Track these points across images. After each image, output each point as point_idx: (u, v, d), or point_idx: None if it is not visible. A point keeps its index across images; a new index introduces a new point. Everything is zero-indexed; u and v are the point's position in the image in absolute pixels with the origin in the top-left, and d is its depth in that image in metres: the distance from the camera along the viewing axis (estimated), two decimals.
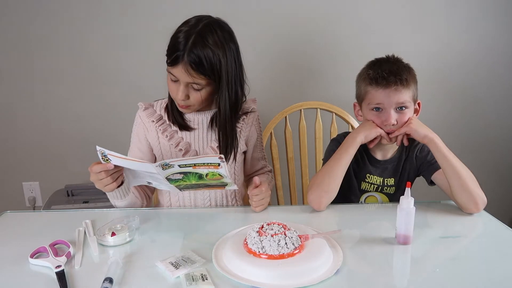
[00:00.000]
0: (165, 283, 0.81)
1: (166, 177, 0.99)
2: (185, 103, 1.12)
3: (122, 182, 1.08)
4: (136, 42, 1.87)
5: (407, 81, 1.12)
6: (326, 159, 1.23)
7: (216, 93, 1.14)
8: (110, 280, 0.78)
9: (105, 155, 0.97)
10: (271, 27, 1.87)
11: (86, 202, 1.84)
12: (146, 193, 1.26)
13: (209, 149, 1.21)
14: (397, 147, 1.25)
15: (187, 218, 1.12)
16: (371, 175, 1.25)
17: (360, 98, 1.20)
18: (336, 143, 1.22)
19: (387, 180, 1.26)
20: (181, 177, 0.99)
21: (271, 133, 1.58)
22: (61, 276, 0.81)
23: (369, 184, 1.26)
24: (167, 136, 1.20)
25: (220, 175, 0.97)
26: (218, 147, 1.20)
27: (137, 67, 1.90)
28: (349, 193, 1.27)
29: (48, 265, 0.85)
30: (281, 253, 0.83)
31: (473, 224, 1.08)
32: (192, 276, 0.81)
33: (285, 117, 1.59)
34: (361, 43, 1.89)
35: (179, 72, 1.06)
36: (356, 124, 1.58)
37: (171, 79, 1.11)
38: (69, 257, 0.89)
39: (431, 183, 1.21)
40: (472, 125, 2.04)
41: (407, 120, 1.13)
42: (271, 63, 1.93)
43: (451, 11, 1.88)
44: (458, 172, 1.08)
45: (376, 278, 0.83)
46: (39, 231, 1.03)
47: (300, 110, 1.60)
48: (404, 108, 1.13)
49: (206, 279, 0.80)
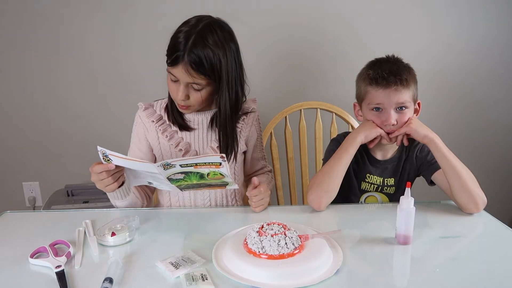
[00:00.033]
0: (165, 283, 0.81)
1: (168, 177, 0.99)
2: (185, 103, 1.12)
3: (123, 182, 1.08)
4: (136, 42, 1.87)
5: (407, 81, 1.12)
6: (326, 159, 1.23)
7: (216, 93, 1.14)
8: (110, 280, 0.78)
9: (106, 155, 0.97)
10: (271, 27, 1.87)
11: (86, 202, 1.84)
12: (146, 193, 1.26)
13: (209, 149, 1.21)
14: (397, 147, 1.25)
15: (187, 218, 1.12)
16: (371, 175, 1.25)
17: (360, 98, 1.20)
18: (336, 143, 1.22)
19: (387, 180, 1.26)
20: (182, 177, 0.98)
21: (271, 133, 1.58)
22: (61, 276, 0.81)
23: (369, 184, 1.26)
24: (167, 136, 1.20)
25: (222, 174, 0.97)
26: (219, 147, 1.20)
27: (137, 67, 1.91)
28: (349, 193, 1.27)
29: (48, 265, 0.85)
30: (281, 253, 0.83)
31: (473, 224, 1.08)
32: (192, 276, 0.81)
33: (285, 117, 1.59)
34: (361, 43, 1.89)
35: (179, 72, 1.06)
36: (356, 124, 1.58)
37: (171, 79, 1.10)
38: (69, 257, 0.89)
39: (431, 183, 1.21)
40: (472, 125, 2.04)
41: (407, 120, 1.13)
42: (271, 63, 1.93)
43: (451, 11, 1.88)
44: (458, 172, 1.08)
45: (376, 278, 0.83)
46: (39, 231, 1.03)
47: (300, 110, 1.60)
48: (404, 108, 1.13)
49: (206, 279, 0.80)
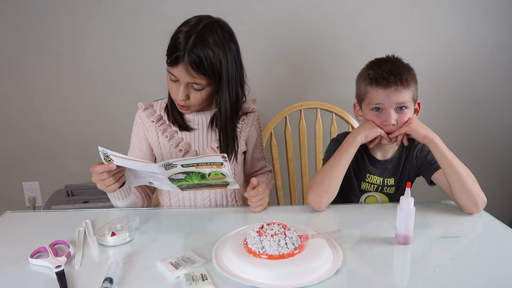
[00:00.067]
0: (165, 283, 0.81)
1: (169, 177, 0.98)
2: (185, 103, 1.12)
3: (124, 183, 1.08)
4: (136, 42, 1.87)
5: (407, 81, 1.12)
6: (326, 159, 1.23)
7: (216, 93, 1.14)
8: (110, 280, 0.78)
9: (107, 156, 0.97)
10: (271, 27, 1.87)
11: (86, 202, 1.84)
12: (147, 193, 1.26)
13: (209, 149, 1.21)
14: (397, 147, 1.25)
15: (187, 218, 1.12)
16: (371, 175, 1.25)
17: (360, 98, 1.20)
18: (336, 143, 1.22)
19: (387, 180, 1.26)
20: (183, 177, 0.98)
21: (271, 133, 1.58)
22: (61, 276, 0.81)
23: (369, 184, 1.26)
24: (167, 137, 1.20)
25: (223, 174, 0.97)
26: (219, 147, 1.19)
27: (137, 67, 1.91)
28: (349, 193, 1.27)
29: (48, 265, 0.85)
30: (281, 253, 0.83)
31: (473, 224, 1.08)
32: (192, 276, 0.81)
33: (285, 117, 1.59)
34: (361, 43, 1.89)
35: (180, 72, 1.06)
36: (356, 124, 1.58)
37: (171, 79, 1.10)
38: (69, 257, 0.89)
39: (431, 183, 1.21)
40: (472, 125, 2.04)
41: (407, 120, 1.13)
42: (271, 63, 1.93)
43: (452, 11, 1.88)
44: (458, 172, 1.08)
45: (376, 278, 0.83)
46: (39, 231, 1.03)
47: (300, 110, 1.60)
48: (404, 108, 1.13)
49: (206, 279, 0.80)
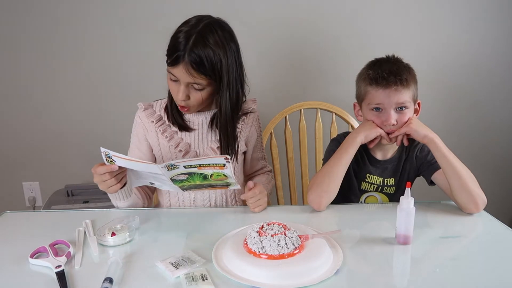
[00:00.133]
0: (165, 283, 0.81)
1: (171, 178, 0.98)
2: (185, 103, 1.12)
3: (125, 183, 1.07)
4: (136, 42, 1.87)
5: (407, 81, 1.12)
6: (326, 159, 1.22)
7: (216, 93, 1.14)
8: (110, 280, 0.78)
9: (109, 157, 0.96)
10: (271, 27, 1.87)
11: (86, 202, 1.84)
12: (147, 193, 1.26)
13: (209, 149, 1.21)
14: (397, 147, 1.25)
15: (187, 218, 1.12)
16: (371, 175, 1.25)
17: (360, 98, 1.20)
18: (336, 143, 1.22)
19: (387, 180, 1.26)
20: (185, 177, 0.98)
21: (271, 133, 1.58)
22: (61, 276, 0.81)
23: (369, 184, 1.26)
24: (166, 137, 1.20)
25: (225, 175, 0.97)
26: (219, 147, 1.19)
27: (137, 67, 1.91)
28: (349, 193, 1.27)
29: (48, 265, 0.85)
30: (281, 253, 0.83)
31: (473, 224, 1.08)
32: (192, 276, 0.81)
33: (285, 117, 1.59)
34: (361, 43, 1.89)
35: (180, 72, 1.06)
36: (356, 124, 1.58)
37: (171, 79, 1.10)
38: (69, 257, 0.89)
39: (431, 183, 1.21)
40: (472, 125, 2.04)
41: (407, 120, 1.13)
42: (271, 63, 1.93)
43: (452, 12, 1.88)
44: (458, 172, 1.08)
45: (376, 278, 0.83)
46: (39, 231, 1.03)
47: (300, 110, 1.60)
48: (404, 108, 1.13)
49: (206, 279, 0.80)
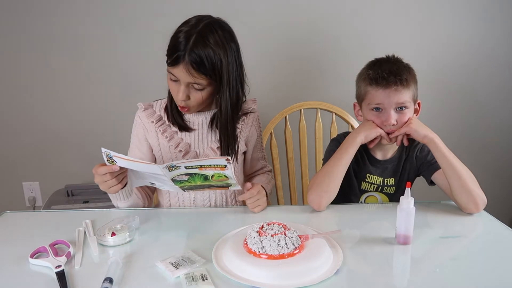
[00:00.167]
0: (165, 283, 0.81)
1: (172, 178, 0.98)
2: (185, 104, 1.12)
3: (126, 184, 1.07)
4: (136, 42, 1.87)
5: (407, 81, 1.12)
6: (326, 159, 1.22)
7: (216, 93, 1.13)
8: (110, 280, 0.78)
9: (110, 157, 0.96)
10: (271, 27, 1.87)
11: (86, 202, 1.84)
12: (147, 193, 1.26)
13: (209, 150, 1.21)
14: (397, 147, 1.25)
15: (187, 218, 1.12)
16: (371, 175, 1.25)
17: (360, 98, 1.20)
18: (336, 143, 1.22)
19: (387, 180, 1.26)
20: (186, 178, 0.98)
21: (271, 133, 1.58)
22: (61, 276, 0.81)
23: (369, 184, 1.26)
24: (166, 137, 1.20)
25: (226, 176, 0.97)
26: (219, 148, 1.19)
27: (137, 67, 1.91)
28: (349, 193, 1.27)
29: (48, 265, 0.85)
30: (281, 253, 0.83)
31: (473, 224, 1.08)
32: (192, 276, 0.81)
33: (285, 117, 1.59)
34: (361, 43, 1.89)
35: (180, 72, 1.06)
36: (356, 124, 1.58)
37: (171, 79, 1.10)
38: (69, 257, 0.89)
39: (431, 183, 1.21)
40: (472, 126, 2.04)
41: (407, 120, 1.13)
42: (271, 63, 1.93)
43: (452, 12, 1.88)
44: (458, 172, 1.08)
45: (376, 278, 0.83)
46: (39, 231, 1.03)
47: (300, 110, 1.60)
48: (404, 108, 1.13)
49: (206, 279, 0.80)
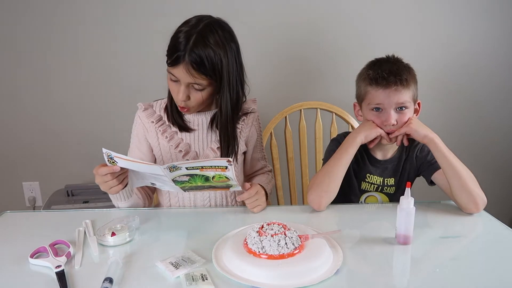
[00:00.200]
0: (165, 283, 0.81)
1: (173, 179, 0.98)
2: (185, 104, 1.12)
3: (126, 184, 1.07)
4: (136, 42, 1.87)
5: (407, 81, 1.12)
6: (326, 159, 1.22)
7: (216, 93, 1.13)
8: (110, 280, 0.78)
9: (111, 158, 0.96)
10: (271, 27, 1.87)
11: (86, 202, 1.84)
12: (148, 193, 1.26)
13: (209, 150, 1.21)
14: (397, 147, 1.25)
15: (187, 218, 1.12)
16: (371, 175, 1.25)
17: (360, 98, 1.20)
18: (336, 143, 1.22)
19: (387, 180, 1.26)
20: (187, 179, 0.98)
21: (271, 133, 1.58)
22: (61, 276, 0.81)
23: (369, 184, 1.26)
24: (166, 137, 1.20)
25: (227, 177, 0.97)
26: (219, 148, 1.19)
27: (137, 67, 1.91)
28: (349, 193, 1.27)
29: (48, 265, 0.85)
30: (281, 253, 0.83)
31: (473, 224, 1.08)
32: (192, 276, 0.81)
33: (285, 117, 1.59)
34: (361, 43, 1.89)
35: (180, 72, 1.05)
36: (356, 124, 1.58)
37: (171, 79, 1.10)
38: (69, 257, 0.89)
39: (431, 183, 1.21)
40: (472, 126, 2.04)
41: (407, 120, 1.13)
42: (271, 63, 1.93)
43: (452, 11, 1.88)
44: (458, 172, 1.08)
45: (376, 278, 0.83)
46: (39, 231, 1.03)
47: (300, 110, 1.60)
48: (404, 108, 1.13)
49: (206, 279, 0.80)
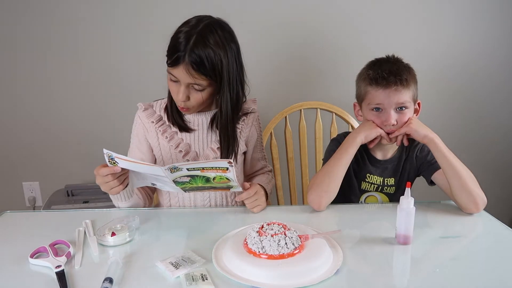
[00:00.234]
0: (165, 283, 0.81)
1: (173, 179, 0.98)
2: (185, 105, 1.12)
3: (127, 184, 1.07)
4: (136, 42, 1.87)
5: (407, 81, 1.12)
6: (326, 159, 1.23)
7: (216, 94, 1.13)
8: (110, 280, 0.78)
9: (112, 158, 0.96)
10: (271, 27, 1.87)
11: (86, 202, 1.84)
12: (148, 193, 1.26)
13: (209, 150, 1.21)
14: (397, 147, 1.25)
15: (187, 218, 1.12)
16: (371, 175, 1.25)
17: (360, 98, 1.20)
18: (336, 143, 1.22)
19: (387, 180, 1.26)
20: (188, 180, 0.98)
21: (271, 133, 1.58)
22: (61, 276, 0.81)
23: (369, 184, 1.26)
24: (167, 138, 1.20)
25: (228, 178, 0.96)
26: (219, 148, 1.19)
27: (137, 67, 1.91)
28: (349, 193, 1.27)
29: (48, 265, 0.85)
30: (281, 253, 0.83)
31: (473, 224, 1.08)
32: (192, 276, 0.81)
33: (285, 117, 1.59)
34: (361, 43, 1.89)
35: (180, 72, 1.05)
36: (356, 124, 1.58)
37: (171, 79, 1.10)
38: (69, 257, 0.89)
39: (431, 183, 1.21)
40: (472, 126, 2.04)
41: (407, 120, 1.13)
42: (271, 63, 1.93)
43: (452, 11, 1.88)
44: (458, 172, 1.08)
45: (376, 278, 0.83)
46: (39, 231, 1.03)
47: (300, 110, 1.60)
48: (404, 108, 1.13)
49: (206, 279, 0.80)
